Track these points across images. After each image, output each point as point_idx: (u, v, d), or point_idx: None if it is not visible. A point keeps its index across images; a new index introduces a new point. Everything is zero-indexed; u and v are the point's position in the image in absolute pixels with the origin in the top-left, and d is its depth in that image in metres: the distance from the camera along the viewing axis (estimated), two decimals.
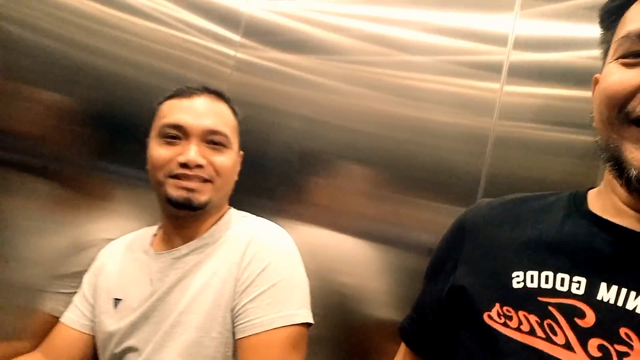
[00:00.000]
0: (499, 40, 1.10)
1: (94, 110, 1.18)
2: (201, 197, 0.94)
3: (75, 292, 1.08)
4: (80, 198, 1.16)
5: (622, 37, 0.59)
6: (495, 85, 1.09)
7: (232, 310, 0.90)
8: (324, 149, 1.28)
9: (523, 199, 0.73)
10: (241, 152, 1.08)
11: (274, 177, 1.33)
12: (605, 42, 0.64)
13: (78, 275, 1.09)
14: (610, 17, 0.63)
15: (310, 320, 0.91)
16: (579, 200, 0.67)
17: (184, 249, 0.97)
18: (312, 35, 1.36)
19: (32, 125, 1.08)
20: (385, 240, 1.18)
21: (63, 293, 1.09)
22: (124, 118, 1.22)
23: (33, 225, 1.09)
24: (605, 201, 0.64)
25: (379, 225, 1.19)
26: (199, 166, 0.93)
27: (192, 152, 0.93)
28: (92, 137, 1.18)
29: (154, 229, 1.10)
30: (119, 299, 0.99)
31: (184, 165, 0.93)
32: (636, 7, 0.59)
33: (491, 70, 1.10)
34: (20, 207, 1.08)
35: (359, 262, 1.21)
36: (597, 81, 0.64)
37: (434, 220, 1.12)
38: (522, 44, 1.07)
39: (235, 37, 1.43)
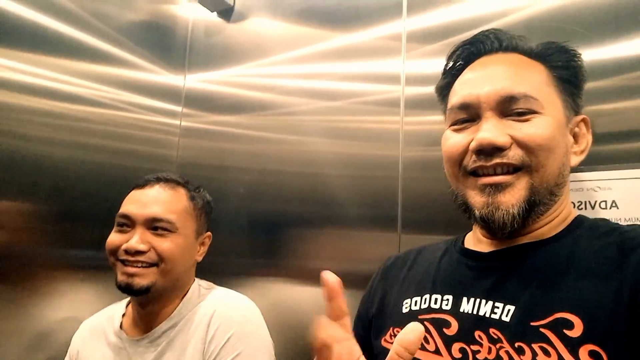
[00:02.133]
0: (394, 79, 1.28)
1: (54, 205, 1.29)
2: (142, 282, 1.00)
3: None
4: (42, 285, 1.25)
5: (449, 109, 0.75)
6: (397, 118, 1.26)
7: None
8: (269, 197, 1.43)
9: (421, 249, 0.89)
10: (208, 233, 1.16)
11: (229, 235, 1.46)
12: (443, 110, 0.81)
13: None
14: (443, 92, 0.81)
15: None
16: (458, 239, 0.83)
17: (156, 332, 1.04)
18: (244, 96, 1.55)
19: None
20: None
21: None
22: (84, 206, 1.34)
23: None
24: (473, 236, 0.80)
25: (328, 266, 1.32)
26: (140, 252, 1.00)
27: (133, 240, 1.00)
28: (50, 229, 1.29)
29: (121, 307, 1.15)
30: None
31: (127, 251, 1.00)
32: (457, 82, 0.76)
33: (391, 105, 1.27)
34: None
35: (319, 309, 1.29)
36: None
37: (370, 250, 1.25)
38: (412, 80, 1.25)
39: (178, 109, 1.61)
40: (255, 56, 1.55)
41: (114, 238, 1.04)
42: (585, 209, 0.93)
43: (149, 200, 1.05)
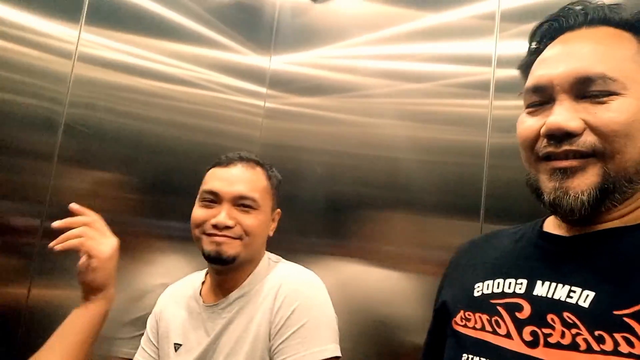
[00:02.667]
0: (484, 61, 1.21)
1: (150, 179, 1.40)
2: (230, 251, 1.05)
3: (140, 335, 1.21)
4: (138, 252, 1.36)
5: (525, 91, 0.71)
6: (485, 102, 1.20)
7: (269, 350, 1.04)
8: (349, 180, 1.44)
9: (497, 232, 0.87)
10: (278, 210, 1.19)
11: (306, 215, 1.48)
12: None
13: (140, 320, 1.25)
14: (527, 70, 0.75)
15: (338, 353, 1.02)
16: (537, 223, 0.79)
17: (227, 300, 1.10)
18: (328, 78, 1.55)
19: (97, 199, 1.29)
20: (410, 267, 1.28)
21: (131, 337, 1.27)
22: (176, 180, 1.42)
23: None
24: (554, 219, 0.76)
25: (402, 252, 1.30)
26: (228, 227, 1.06)
27: (222, 215, 1.06)
28: (146, 200, 1.39)
29: (201, 275, 1.21)
30: (179, 344, 1.12)
31: (215, 226, 1.06)
32: (537, 61, 0.71)
33: (480, 88, 1.21)
34: None
35: (389, 291, 1.31)
36: None
37: (449, 238, 1.22)
38: (504, 62, 1.18)
39: (263, 90, 1.65)
40: (339, 37, 1.54)
41: (200, 213, 1.10)
42: None
43: (235, 179, 1.10)
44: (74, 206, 1.01)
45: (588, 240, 0.67)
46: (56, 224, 0.96)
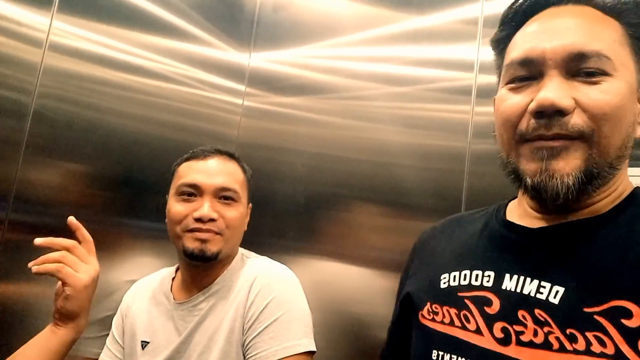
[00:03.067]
0: (467, 66, 1.21)
1: (121, 174, 1.35)
2: (213, 248, 1.04)
3: (107, 335, 1.18)
4: (107, 249, 1.30)
5: (507, 64, 0.67)
6: (467, 107, 1.19)
7: (243, 345, 1.01)
8: (327, 182, 1.41)
9: (459, 217, 0.84)
10: (250, 205, 1.17)
11: (283, 215, 1.46)
12: (498, 67, 0.72)
13: (107, 319, 1.21)
14: (500, 45, 0.71)
15: (312, 348, 1.00)
16: (499, 210, 0.76)
17: (200, 296, 1.07)
18: (309, 78, 1.52)
19: (65, 193, 1.25)
20: (386, 266, 1.28)
21: (96, 337, 1.23)
22: (148, 177, 1.38)
23: None
24: (517, 207, 0.73)
25: (379, 253, 1.29)
26: (212, 220, 1.03)
27: (206, 207, 1.04)
28: (116, 196, 1.34)
29: (171, 271, 1.18)
30: (147, 342, 1.09)
31: (199, 219, 1.03)
32: (519, 34, 0.67)
33: (462, 93, 1.20)
34: None
35: (366, 290, 1.30)
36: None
37: None
38: (487, 68, 1.17)
39: (241, 87, 1.61)
40: (321, 36, 1.52)
41: (180, 208, 1.06)
42: None
43: (215, 171, 1.08)
44: (72, 220, 0.98)
45: (556, 233, 0.65)
46: (38, 241, 0.92)
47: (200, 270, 1.08)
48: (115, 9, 1.31)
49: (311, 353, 1.00)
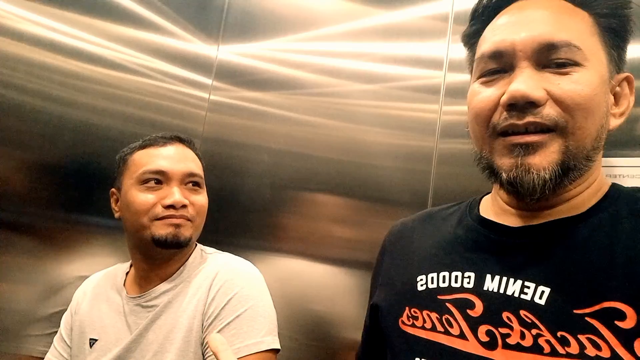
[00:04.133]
0: (436, 64, 1.17)
1: (73, 168, 1.28)
2: (186, 233, 1.00)
3: (55, 332, 1.13)
4: (56, 243, 1.25)
5: (478, 58, 0.66)
6: (435, 106, 1.16)
7: (202, 344, 0.96)
8: (293, 178, 1.37)
9: (430, 213, 0.81)
10: None
11: (248, 212, 1.42)
12: (470, 62, 0.72)
13: (57, 315, 1.16)
14: (470, 40, 0.71)
15: (276, 346, 0.96)
16: (472, 206, 0.74)
17: (155, 291, 1.02)
18: (278, 73, 1.47)
19: (12, 185, 1.18)
20: (350, 263, 1.25)
21: (44, 334, 1.18)
22: (103, 170, 1.30)
23: (11, 274, 1.18)
24: (492, 204, 0.71)
25: (343, 250, 1.25)
26: (184, 206, 1.00)
27: (177, 194, 1.00)
28: (68, 190, 1.28)
29: (126, 266, 1.13)
30: (95, 339, 1.03)
31: (170, 206, 0.99)
32: (489, 28, 0.67)
33: (431, 92, 1.17)
34: None
35: (330, 287, 1.27)
36: None
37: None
38: (456, 66, 1.14)
39: (208, 81, 1.56)
40: (291, 29, 1.47)
41: (148, 197, 1.00)
42: None
43: (180, 157, 1.04)
44: None
45: (538, 232, 0.63)
46: None
47: (162, 262, 1.03)
48: None
49: (275, 351, 0.96)
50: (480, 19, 0.69)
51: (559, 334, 0.54)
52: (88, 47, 1.29)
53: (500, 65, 0.63)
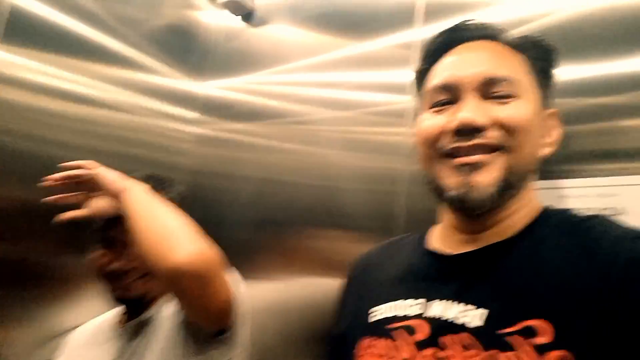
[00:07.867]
0: (403, 90, 1.24)
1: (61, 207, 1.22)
2: None
3: None
4: (46, 292, 1.25)
5: (429, 91, 0.75)
6: (404, 129, 1.21)
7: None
8: (274, 207, 1.42)
9: (391, 243, 0.88)
10: None
11: (233, 242, 1.43)
12: (420, 95, 0.81)
13: None
14: (421, 77, 0.80)
15: None
16: (422, 236, 0.81)
17: (129, 324, 1.05)
18: (258, 104, 1.55)
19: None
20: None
21: None
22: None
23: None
24: (441, 231, 0.79)
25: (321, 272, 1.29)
26: None
27: None
28: (54, 233, 1.24)
29: (111, 314, 1.14)
30: None
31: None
32: (439, 65, 0.76)
33: (399, 116, 1.23)
34: None
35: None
36: None
37: None
38: None
39: (195, 115, 1.63)
40: (272, 63, 1.54)
41: None
42: None
43: None
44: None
45: (475, 257, 0.69)
46: None
47: None
48: (61, 38, 1.30)
49: None
50: (430, 59, 0.78)
51: (489, 353, 0.59)
52: (78, 88, 1.33)
53: (449, 96, 0.72)
